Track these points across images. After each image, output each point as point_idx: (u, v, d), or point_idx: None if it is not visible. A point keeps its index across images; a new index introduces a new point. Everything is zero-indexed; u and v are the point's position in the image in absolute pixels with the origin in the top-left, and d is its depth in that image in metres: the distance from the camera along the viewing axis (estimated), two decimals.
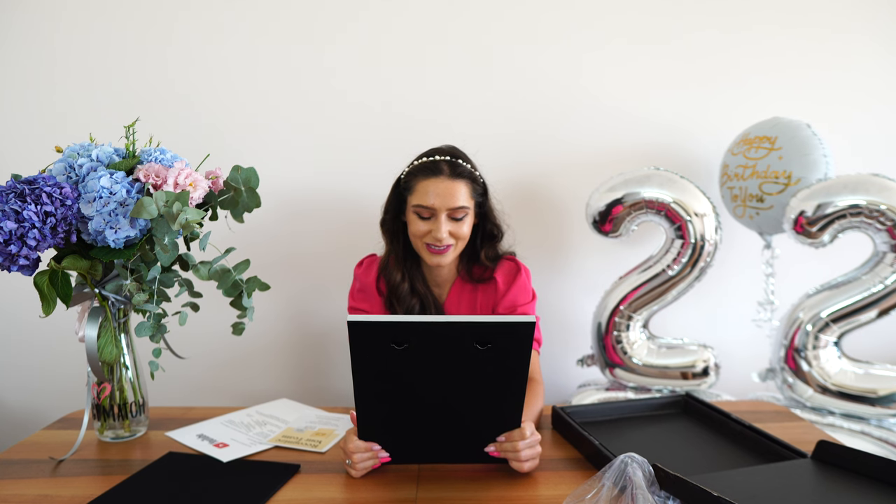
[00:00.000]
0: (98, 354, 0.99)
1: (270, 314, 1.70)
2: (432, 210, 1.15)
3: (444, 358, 0.82)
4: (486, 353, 0.81)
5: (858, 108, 1.72)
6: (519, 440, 0.89)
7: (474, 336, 0.80)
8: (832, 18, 1.69)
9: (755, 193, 1.51)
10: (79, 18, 1.59)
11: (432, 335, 0.80)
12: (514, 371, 0.84)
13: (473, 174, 1.20)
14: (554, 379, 1.77)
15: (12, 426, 1.71)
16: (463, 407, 0.88)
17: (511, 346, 0.81)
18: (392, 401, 0.87)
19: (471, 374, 0.83)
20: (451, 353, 0.81)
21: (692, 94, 1.70)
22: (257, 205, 1.01)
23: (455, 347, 0.81)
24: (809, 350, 1.47)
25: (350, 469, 0.91)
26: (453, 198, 1.14)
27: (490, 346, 0.80)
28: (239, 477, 0.92)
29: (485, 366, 0.82)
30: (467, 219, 1.19)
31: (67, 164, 0.95)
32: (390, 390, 0.86)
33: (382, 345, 0.80)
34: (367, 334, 0.79)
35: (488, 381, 0.85)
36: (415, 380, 0.84)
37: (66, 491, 0.88)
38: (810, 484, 0.83)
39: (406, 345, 0.80)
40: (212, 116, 1.63)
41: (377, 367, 0.83)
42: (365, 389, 0.86)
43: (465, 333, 0.79)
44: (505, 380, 0.85)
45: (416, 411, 0.88)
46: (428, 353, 0.81)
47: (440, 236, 1.15)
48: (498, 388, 0.86)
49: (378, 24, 1.64)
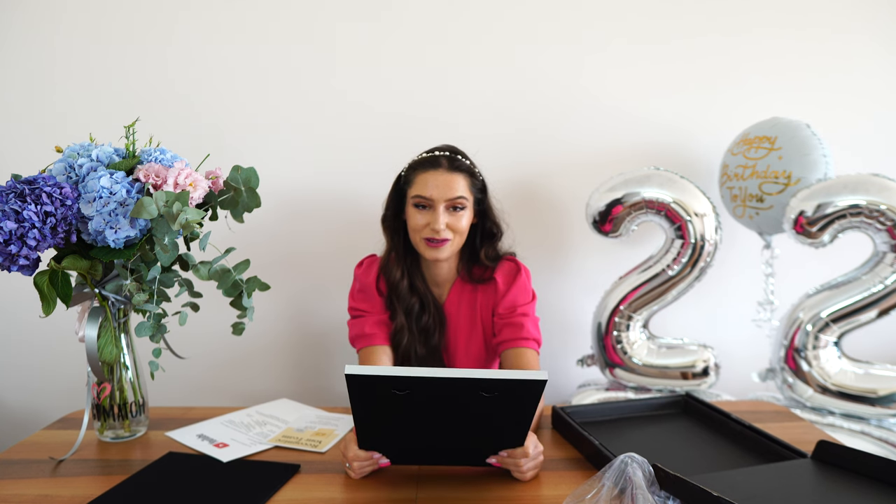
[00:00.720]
0: (98, 354, 0.99)
1: (270, 314, 1.70)
2: (430, 201, 1.16)
3: (448, 404, 0.81)
4: (492, 400, 0.79)
5: (858, 108, 1.72)
6: (521, 458, 0.88)
7: (480, 388, 0.77)
8: (832, 19, 1.69)
9: (755, 193, 1.51)
10: (79, 19, 1.59)
11: (435, 388, 0.78)
12: (521, 416, 0.83)
13: (472, 169, 1.22)
14: (554, 379, 1.77)
15: (12, 426, 1.71)
16: (466, 440, 0.88)
17: (520, 398, 0.80)
18: (393, 433, 0.87)
19: (475, 416, 0.82)
20: (454, 400, 0.80)
21: (692, 94, 1.70)
22: (257, 205, 1.01)
23: (459, 396, 0.79)
24: (809, 350, 1.47)
25: (349, 471, 0.92)
26: (451, 188, 1.15)
27: (497, 394, 0.78)
28: (239, 477, 0.92)
29: (490, 410, 0.81)
30: (465, 212, 1.19)
31: (67, 164, 0.95)
32: (391, 426, 0.86)
33: (382, 392, 0.79)
34: (366, 385, 0.78)
35: (494, 422, 0.84)
36: (417, 420, 0.84)
37: (66, 491, 0.88)
38: (810, 484, 0.83)
39: (408, 391, 0.78)
40: (212, 116, 1.63)
41: (377, 409, 0.82)
42: (365, 424, 0.85)
43: (471, 387, 0.77)
44: (511, 422, 0.84)
45: (418, 440, 0.88)
46: (430, 400, 0.80)
47: (438, 227, 1.15)
48: (503, 427, 0.85)
49: (378, 23, 1.64)
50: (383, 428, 0.86)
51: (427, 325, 1.25)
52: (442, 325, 1.27)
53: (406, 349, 1.24)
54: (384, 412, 0.83)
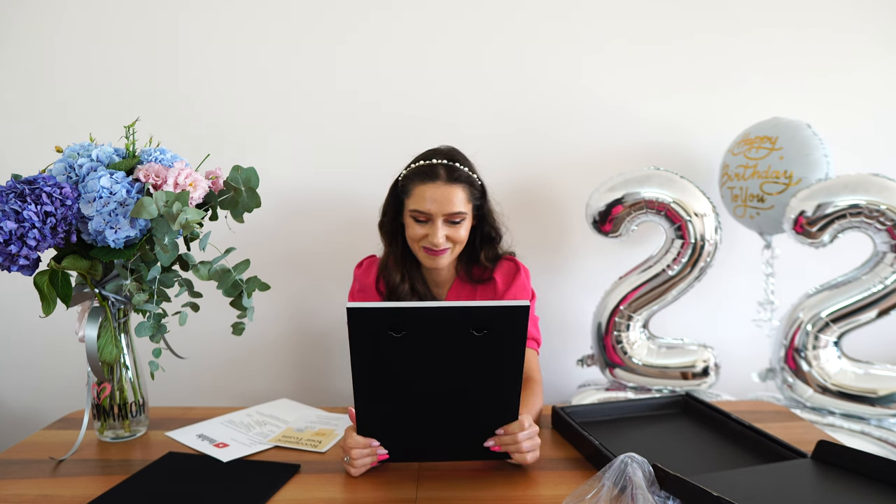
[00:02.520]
0: (98, 354, 0.99)
1: (270, 314, 1.70)
2: (429, 215, 1.15)
3: (442, 345, 0.84)
4: (483, 340, 0.83)
5: (858, 108, 1.72)
6: (518, 431, 0.89)
7: (471, 321, 0.81)
8: (831, 19, 1.69)
9: (756, 193, 1.51)
10: (79, 19, 1.59)
11: (429, 321, 0.82)
12: (510, 358, 0.85)
13: (471, 178, 1.18)
14: (554, 379, 1.77)
15: (12, 426, 1.71)
16: (461, 397, 0.89)
17: (506, 330, 0.83)
18: (390, 392, 0.88)
19: (468, 361, 0.85)
20: (447, 340, 0.83)
21: (692, 94, 1.70)
22: (257, 205, 1.01)
23: (452, 334, 0.82)
24: (809, 350, 1.47)
25: (349, 467, 0.91)
26: (450, 203, 1.14)
27: (486, 332, 0.82)
28: (239, 477, 0.92)
29: (481, 353, 0.84)
30: (464, 223, 1.18)
31: (67, 164, 0.95)
32: (389, 381, 0.87)
33: (380, 332, 0.82)
34: (365, 321, 0.81)
35: (485, 368, 0.86)
36: (413, 368, 0.86)
37: (66, 491, 0.88)
38: (810, 484, 0.83)
39: (404, 332, 0.82)
40: (212, 116, 1.63)
41: (375, 356, 0.84)
42: (363, 380, 0.87)
43: (462, 319, 0.81)
44: (501, 367, 0.86)
45: (414, 403, 0.89)
46: (425, 341, 0.83)
47: (437, 241, 1.15)
48: (495, 377, 0.87)
49: (379, 24, 1.64)
50: (381, 385, 0.87)
51: None
52: None
53: None
54: (381, 362, 0.85)
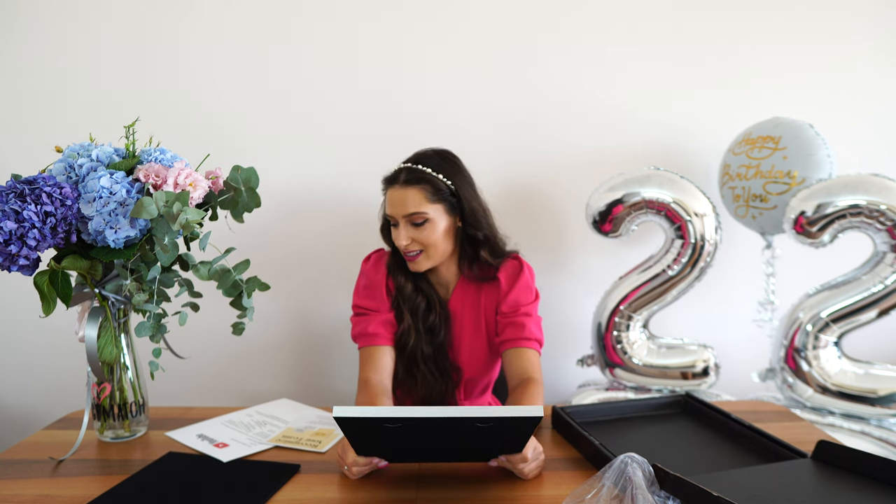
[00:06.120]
0: (98, 354, 0.99)
1: (270, 314, 1.70)
2: (393, 218, 1.17)
3: (442, 435, 0.83)
4: (488, 430, 0.80)
5: (858, 108, 1.72)
6: (520, 462, 0.89)
7: (474, 422, 0.78)
8: (832, 22, 1.69)
9: (759, 193, 1.50)
10: (79, 19, 1.59)
11: (428, 425, 0.80)
12: (516, 440, 0.85)
13: (431, 177, 1.16)
14: (554, 379, 1.77)
15: (12, 426, 1.71)
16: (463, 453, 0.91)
17: (514, 430, 0.81)
18: (387, 454, 0.90)
19: (472, 441, 0.85)
20: (448, 432, 0.82)
21: (692, 94, 1.70)
22: (257, 205, 1.01)
23: (453, 429, 0.81)
24: (809, 350, 1.47)
25: (347, 473, 0.92)
26: (404, 205, 1.15)
27: (492, 425, 0.79)
28: (239, 477, 0.92)
29: (486, 437, 0.83)
30: (430, 224, 1.16)
31: (67, 164, 0.95)
32: (385, 450, 0.88)
33: (374, 428, 0.80)
34: (356, 424, 0.80)
35: (490, 444, 0.86)
36: (412, 446, 0.86)
37: (66, 491, 0.88)
38: (810, 484, 0.83)
39: (400, 424, 0.79)
40: (212, 116, 1.63)
41: (372, 440, 0.85)
42: (358, 446, 0.87)
43: (464, 422, 0.79)
44: (507, 443, 0.86)
45: (413, 453, 0.91)
46: (425, 431, 0.82)
47: (400, 243, 1.16)
48: (500, 447, 0.88)
49: (380, 24, 1.64)
50: (378, 452, 0.89)
51: (433, 323, 1.25)
52: (447, 323, 1.26)
53: (413, 350, 1.23)
54: (378, 441, 0.85)
